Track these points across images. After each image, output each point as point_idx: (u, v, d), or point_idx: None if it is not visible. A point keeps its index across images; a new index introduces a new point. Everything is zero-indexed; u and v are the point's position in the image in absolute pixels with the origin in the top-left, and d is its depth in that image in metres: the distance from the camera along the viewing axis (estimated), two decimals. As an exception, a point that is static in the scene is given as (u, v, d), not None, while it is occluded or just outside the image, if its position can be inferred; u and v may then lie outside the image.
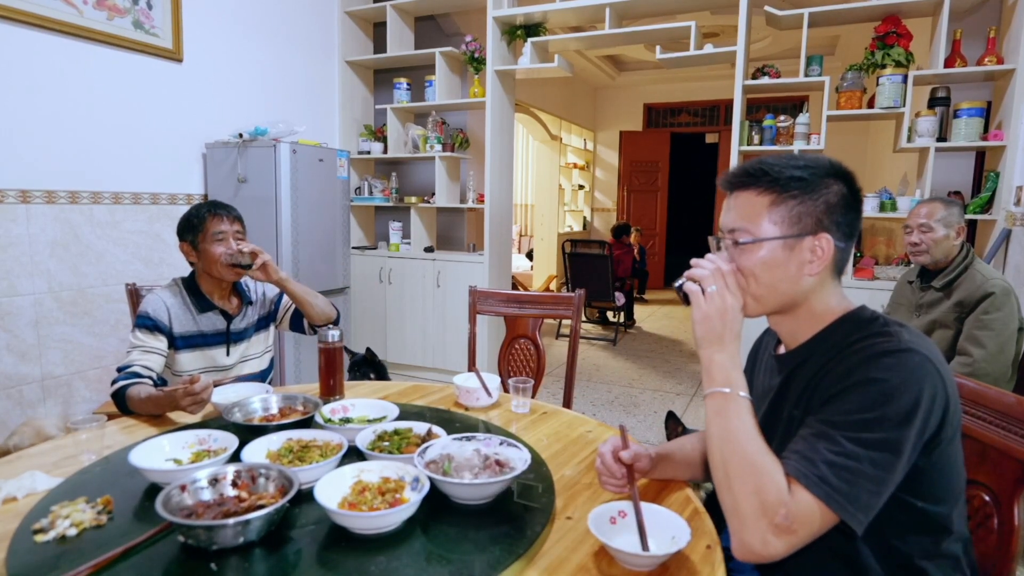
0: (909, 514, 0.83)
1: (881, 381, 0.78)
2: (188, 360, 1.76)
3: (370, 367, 2.89)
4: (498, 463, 1.11)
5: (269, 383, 1.83)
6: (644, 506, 0.97)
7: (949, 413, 0.82)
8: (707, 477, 1.21)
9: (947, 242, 2.10)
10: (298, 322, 1.95)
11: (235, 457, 1.15)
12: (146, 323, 1.68)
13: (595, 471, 1.18)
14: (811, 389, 0.88)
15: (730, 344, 0.89)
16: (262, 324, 1.93)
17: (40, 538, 0.93)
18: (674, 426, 2.54)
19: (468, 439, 1.19)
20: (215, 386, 1.48)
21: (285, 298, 1.97)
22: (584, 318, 6.23)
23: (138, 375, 1.59)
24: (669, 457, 1.16)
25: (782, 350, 1.01)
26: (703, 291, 0.90)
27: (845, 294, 0.95)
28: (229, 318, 1.81)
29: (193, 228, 1.75)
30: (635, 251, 6.70)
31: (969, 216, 3.00)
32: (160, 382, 1.68)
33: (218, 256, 1.73)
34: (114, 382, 1.56)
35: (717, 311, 0.89)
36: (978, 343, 1.99)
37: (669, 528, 0.94)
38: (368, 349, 2.95)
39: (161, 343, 1.69)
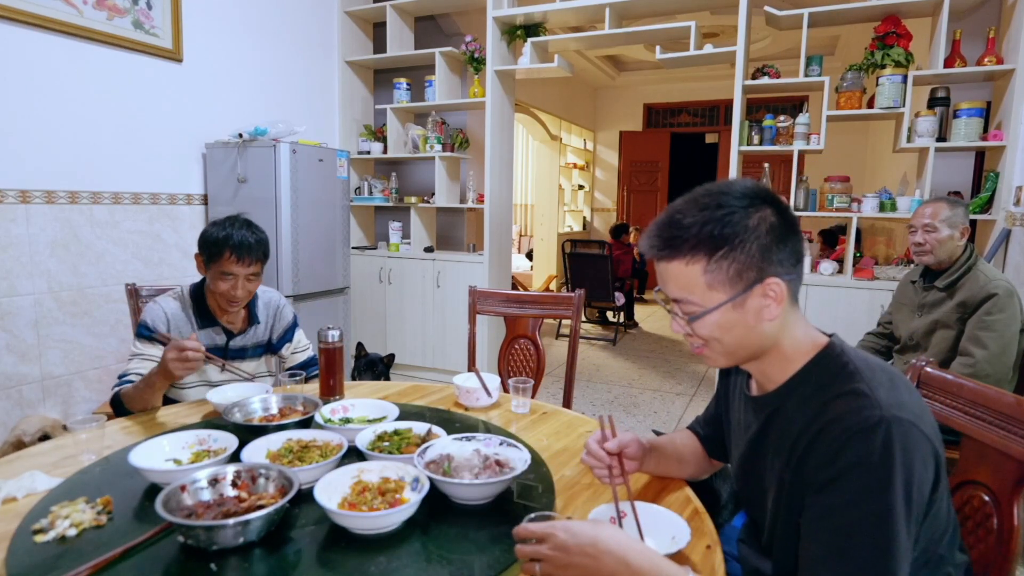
0: None
1: (875, 466, 0.74)
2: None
3: (386, 369, 2.92)
4: (498, 463, 1.11)
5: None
6: (645, 506, 0.98)
7: (940, 470, 0.80)
8: (699, 476, 1.21)
9: (951, 243, 2.10)
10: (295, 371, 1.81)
11: (235, 457, 1.15)
12: (144, 333, 1.66)
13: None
14: (796, 451, 0.83)
15: (618, 568, 0.75)
16: (260, 351, 1.84)
17: (40, 538, 0.93)
18: None
19: (468, 439, 1.19)
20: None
21: (291, 343, 1.88)
22: (584, 318, 6.23)
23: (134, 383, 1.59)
24: (660, 450, 1.15)
25: (754, 388, 0.98)
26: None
27: (807, 322, 0.91)
28: (231, 335, 1.76)
29: (209, 252, 1.65)
30: (635, 251, 6.70)
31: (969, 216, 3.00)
32: None
33: (219, 292, 1.66)
34: (112, 389, 1.57)
35: (560, 568, 0.77)
36: (980, 344, 1.99)
37: (669, 528, 0.94)
38: (391, 355, 3.02)
39: (160, 352, 1.67)
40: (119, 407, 1.55)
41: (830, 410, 0.80)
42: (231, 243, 1.62)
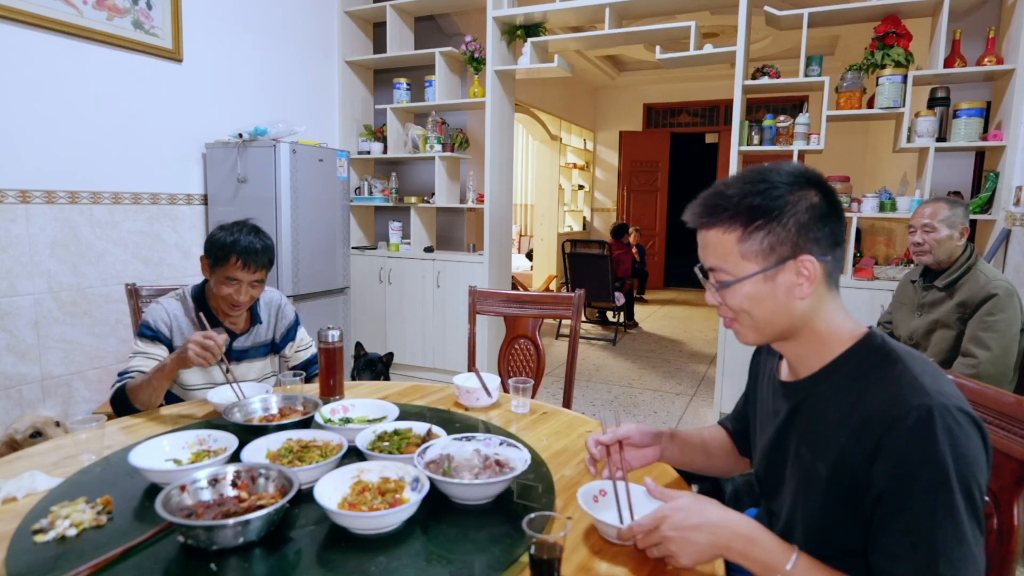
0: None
1: (933, 457, 0.73)
2: (187, 374, 1.72)
3: (386, 368, 2.92)
4: (498, 463, 1.11)
5: None
6: (633, 487, 1.01)
7: (989, 457, 0.78)
8: (729, 472, 1.21)
9: (951, 243, 2.10)
10: (303, 369, 1.87)
11: (235, 457, 1.15)
12: (146, 333, 1.67)
13: (584, 461, 1.19)
14: (834, 442, 0.82)
15: (732, 540, 0.82)
16: (265, 351, 1.85)
17: (40, 538, 0.93)
18: None
19: (468, 439, 1.19)
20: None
21: (294, 343, 1.90)
22: (584, 318, 6.23)
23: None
24: (682, 440, 1.15)
25: (784, 371, 0.97)
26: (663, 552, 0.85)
27: (847, 311, 0.89)
28: (233, 336, 1.76)
29: (216, 256, 1.66)
30: (634, 251, 6.70)
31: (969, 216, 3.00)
32: None
33: (221, 295, 1.67)
34: (113, 386, 1.57)
35: (682, 545, 0.83)
36: (983, 345, 1.99)
37: (650, 504, 0.97)
38: (390, 354, 3.02)
39: (162, 351, 1.67)
40: (120, 403, 1.55)
41: (872, 398, 0.79)
42: (238, 249, 1.62)
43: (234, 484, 1.02)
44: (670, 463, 1.15)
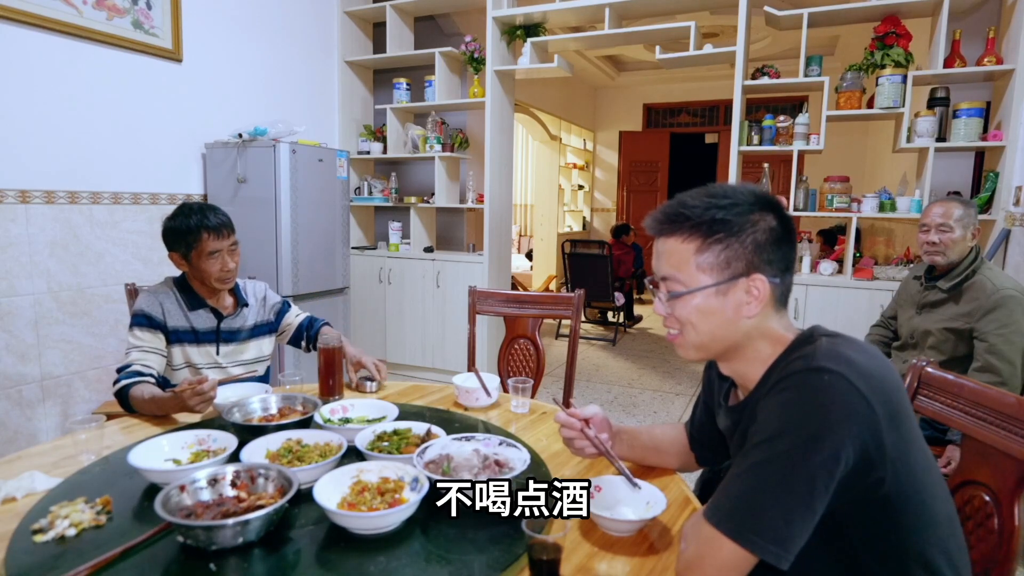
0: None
1: (786, 404, 0.77)
2: (184, 373, 1.74)
3: None
4: (497, 463, 1.11)
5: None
6: (622, 480, 1.04)
7: (880, 431, 0.75)
8: (685, 468, 1.22)
9: (964, 243, 2.09)
10: (297, 339, 1.93)
11: (234, 457, 1.15)
12: (141, 321, 1.67)
13: (584, 461, 1.22)
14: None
15: None
16: (259, 331, 1.88)
17: (39, 538, 0.93)
18: None
19: (467, 439, 1.19)
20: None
21: (290, 312, 1.95)
22: (584, 318, 6.23)
23: (139, 374, 1.59)
24: (630, 435, 1.19)
25: (734, 397, 0.99)
26: None
27: (790, 324, 0.91)
28: (221, 317, 1.79)
29: (185, 243, 1.68)
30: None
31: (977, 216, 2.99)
32: (161, 380, 1.68)
33: (213, 273, 1.70)
34: (116, 383, 1.57)
35: None
36: (1006, 359, 1.93)
37: (643, 495, 1.00)
38: None
39: (160, 340, 1.68)
40: (123, 402, 1.55)
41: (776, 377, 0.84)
42: (205, 225, 1.67)
43: (233, 484, 1.02)
44: (620, 456, 1.16)
